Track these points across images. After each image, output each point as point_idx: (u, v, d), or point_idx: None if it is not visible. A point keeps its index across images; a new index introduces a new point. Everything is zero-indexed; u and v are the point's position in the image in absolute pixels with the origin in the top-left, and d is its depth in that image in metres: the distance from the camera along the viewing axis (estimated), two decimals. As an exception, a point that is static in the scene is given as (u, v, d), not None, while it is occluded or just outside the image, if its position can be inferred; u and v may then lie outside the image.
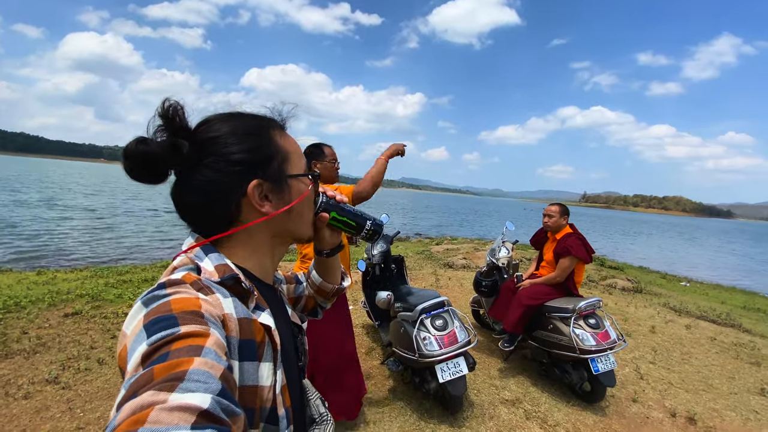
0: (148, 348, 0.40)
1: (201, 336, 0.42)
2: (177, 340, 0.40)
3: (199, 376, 0.37)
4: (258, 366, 0.53)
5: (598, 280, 8.08)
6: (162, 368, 0.37)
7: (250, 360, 0.52)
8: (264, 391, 0.53)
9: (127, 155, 0.54)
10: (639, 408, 3.13)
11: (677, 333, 5.03)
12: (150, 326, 0.42)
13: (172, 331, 0.41)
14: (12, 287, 4.86)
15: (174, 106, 0.56)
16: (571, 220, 3.61)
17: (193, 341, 0.40)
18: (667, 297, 7.36)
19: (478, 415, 2.84)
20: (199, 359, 0.38)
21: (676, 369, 3.93)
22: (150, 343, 0.40)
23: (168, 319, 0.43)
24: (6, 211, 14.30)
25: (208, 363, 0.39)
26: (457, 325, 2.79)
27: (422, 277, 6.96)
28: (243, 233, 0.62)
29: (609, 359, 3.00)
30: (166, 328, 0.41)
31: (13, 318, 3.81)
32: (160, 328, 0.41)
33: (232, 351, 0.49)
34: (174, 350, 0.39)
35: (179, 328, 0.41)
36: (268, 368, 0.55)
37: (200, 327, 0.43)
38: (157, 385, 0.35)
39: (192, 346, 0.40)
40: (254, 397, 0.52)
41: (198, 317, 0.44)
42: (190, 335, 0.41)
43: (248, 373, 0.51)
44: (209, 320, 0.45)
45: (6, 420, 2.34)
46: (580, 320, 3.11)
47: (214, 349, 0.41)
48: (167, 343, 0.40)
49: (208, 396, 0.35)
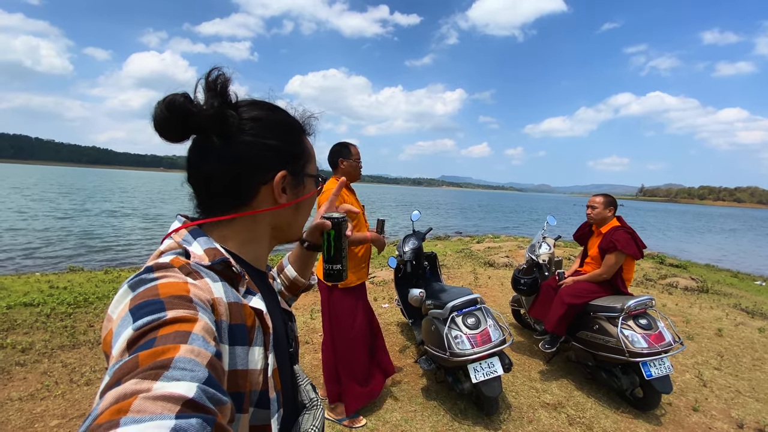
0: (134, 333, 0.39)
1: (188, 321, 0.41)
2: (164, 326, 0.40)
3: (185, 364, 0.36)
4: (248, 350, 0.53)
5: (656, 279, 7.45)
6: (147, 355, 0.36)
7: (240, 344, 0.51)
8: (255, 375, 0.53)
9: (170, 108, 0.54)
10: (700, 417, 2.83)
11: (749, 337, 4.51)
12: (136, 311, 0.42)
13: (158, 316, 0.41)
14: (83, 285, 5.39)
15: (222, 77, 0.58)
16: (629, 215, 3.34)
17: (180, 327, 0.40)
18: (739, 297, 6.63)
19: (515, 417, 2.72)
20: (185, 346, 0.38)
21: (745, 376, 3.52)
22: (136, 328, 0.40)
23: (155, 303, 0.42)
24: (84, 218, 15.91)
25: (195, 350, 0.38)
26: (491, 323, 2.69)
27: (460, 276, 6.82)
28: (249, 219, 0.63)
29: (664, 363, 2.74)
30: (153, 313, 0.41)
31: (81, 312, 4.22)
32: (146, 313, 0.41)
33: (222, 335, 0.49)
34: (160, 336, 0.39)
35: (166, 313, 0.41)
36: (258, 352, 0.54)
37: (188, 312, 0.42)
38: (141, 373, 0.34)
39: (179, 332, 0.39)
40: (244, 381, 0.51)
41: (186, 302, 0.44)
42: (177, 320, 0.41)
43: (238, 357, 0.51)
44: (198, 305, 0.45)
45: (69, 404, 2.60)
46: (629, 320, 2.88)
47: (201, 335, 0.40)
48: (153, 329, 0.39)
49: (194, 384, 0.35)
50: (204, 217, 0.62)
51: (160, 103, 0.55)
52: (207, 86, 0.57)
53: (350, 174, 2.51)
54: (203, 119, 0.56)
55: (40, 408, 2.53)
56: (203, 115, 0.56)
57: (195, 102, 0.56)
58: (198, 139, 0.60)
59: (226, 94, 0.58)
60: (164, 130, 0.56)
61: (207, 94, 0.57)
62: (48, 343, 3.41)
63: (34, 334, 3.58)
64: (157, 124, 0.56)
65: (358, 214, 2.53)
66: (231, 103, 0.60)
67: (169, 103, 0.54)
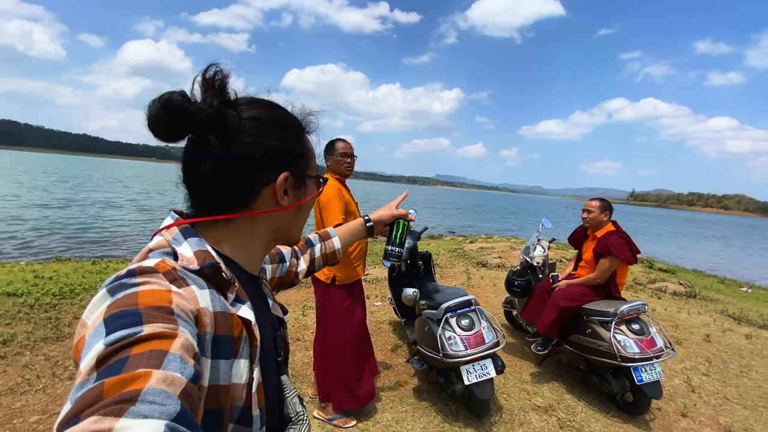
0: (105, 349, 0.36)
1: (166, 338, 0.38)
2: (138, 343, 0.37)
3: (155, 397, 0.33)
4: (232, 363, 0.50)
5: (645, 284, 7.54)
6: (114, 383, 0.33)
7: (224, 357, 0.49)
8: (237, 389, 0.50)
9: (167, 107, 0.51)
10: (689, 423, 2.85)
11: (736, 343, 4.56)
12: (111, 321, 0.39)
13: (133, 331, 0.37)
14: (69, 275, 5.28)
15: (221, 74, 0.55)
16: (619, 219, 3.35)
17: (156, 345, 0.37)
18: (726, 303, 6.73)
19: (506, 420, 2.71)
20: (158, 373, 0.35)
21: (733, 382, 3.55)
22: (108, 343, 0.36)
23: (132, 314, 0.39)
24: (74, 207, 15.62)
25: (168, 378, 0.35)
26: (485, 325, 2.67)
27: (453, 276, 6.81)
28: (247, 220, 0.60)
29: (655, 369, 2.75)
30: (128, 326, 0.38)
31: (67, 304, 4.13)
32: (121, 326, 0.38)
33: (205, 348, 0.46)
34: (133, 356, 0.35)
35: (142, 328, 0.38)
36: (243, 365, 0.51)
37: (167, 327, 0.39)
38: (103, 408, 0.31)
39: (154, 352, 0.36)
40: (225, 397, 0.48)
41: (166, 314, 0.41)
42: (153, 337, 0.37)
43: (221, 371, 0.48)
44: (179, 317, 0.42)
45: (50, 399, 2.52)
46: (622, 325, 2.88)
47: (179, 355, 0.37)
48: (126, 346, 0.36)
49: (162, 423, 0.31)
50: (199, 217, 0.58)
51: (156, 101, 0.51)
52: (205, 83, 0.54)
53: (335, 170, 2.50)
54: (202, 119, 0.53)
55: (20, 403, 2.45)
56: (202, 115, 0.52)
57: (193, 100, 0.53)
58: (194, 139, 0.56)
59: (225, 93, 0.55)
60: (159, 129, 0.53)
61: (205, 93, 0.54)
62: (30, 335, 3.31)
63: (16, 325, 3.48)
64: (151, 124, 0.52)
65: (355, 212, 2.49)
66: (230, 102, 0.56)
67: (166, 102, 0.51)
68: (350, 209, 2.42)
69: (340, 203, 2.32)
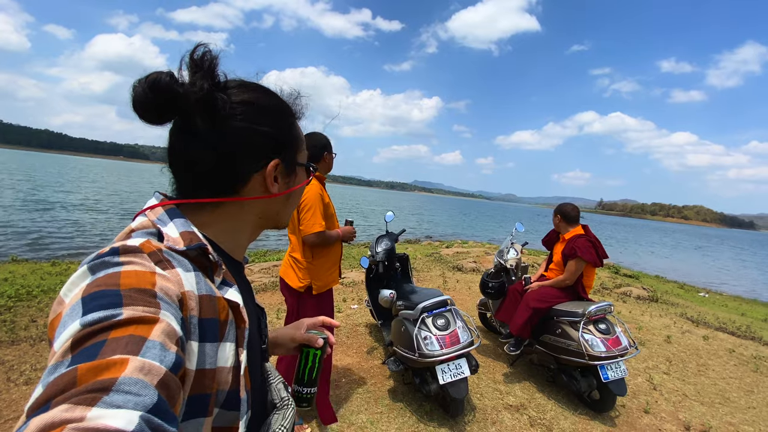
0: (81, 330, 0.34)
1: (146, 323, 0.37)
2: (116, 327, 0.35)
3: (131, 386, 0.31)
4: (218, 347, 0.48)
5: (612, 288, 7.85)
6: (88, 369, 0.31)
7: (210, 341, 0.47)
8: (223, 373, 0.49)
9: (154, 87, 0.49)
10: (651, 420, 2.98)
11: (694, 344, 4.83)
12: (89, 300, 0.37)
13: (112, 313, 0.36)
14: (26, 277, 4.97)
15: (210, 54, 0.53)
16: (592, 228, 3.50)
17: (135, 330, 0.35)
18: (685, 307, 7.10)
19: (480, 419, 2.75)
20: (135, 360, 0.33)
21: (691, 381, 3.76)
22: (84, 324, 0.35)
23: (112, 295, 0.37)
24: (21, 208, 14.74)
25: (146, 366, 0.33)
26: (460, 325, 2.71)
27: (430, 279, 6.87)
28: (235, 206, 0.59)
29: (620, 367, 2.87)
30: (107, 308, 0.36)
31: (23, 306, 3.89)
32: (99, 306, 0.36)
33: (191, 332, 0.44)
34: (110, 340, 0.34)
35: (122, 311, 0.36)
36: (229, 348, 0.50)
37: (148, 310, 0.38)
38: (75, 397, 0.29)
39: (133, 338, 0.34)
40: (212, 381, 0.47)
41: (149, 297, 0.39)
42: (133, 321, 0.36)
43: (207, 355, 0.47)
44: (162, 300, 0.40)
45: (5, 405, 2.36)
46: (589, 325, 3.00)
47: (160, 341, 0.36)
48: (104, 330, 0.35)
49: (136, 415, 0.30)
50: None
51: (142, 81, 0.50)
52: (193, 64, 0.52)
53: (326, 169, 2.42)
54: (190, 102, 0.51)
55: (-31, 409, 2.29)
56: (191, 98, 0.51)
57: (181, 81, 0.51)
58: (181, 122, 0.54)
59: (214, 75, 0.54)
60: (145, 111, 0.51)
61: (194, 75, 0.52)
62: (-18, 339, 3.10)
63: (-34, 328, 3.25)
64: (137, 105, 0.50)
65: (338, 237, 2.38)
66: (220, 84, 0.55)
67: (153, 83, 0.49)
68: (329, 212, 2.33)
69: (322, 208, 2.24)
